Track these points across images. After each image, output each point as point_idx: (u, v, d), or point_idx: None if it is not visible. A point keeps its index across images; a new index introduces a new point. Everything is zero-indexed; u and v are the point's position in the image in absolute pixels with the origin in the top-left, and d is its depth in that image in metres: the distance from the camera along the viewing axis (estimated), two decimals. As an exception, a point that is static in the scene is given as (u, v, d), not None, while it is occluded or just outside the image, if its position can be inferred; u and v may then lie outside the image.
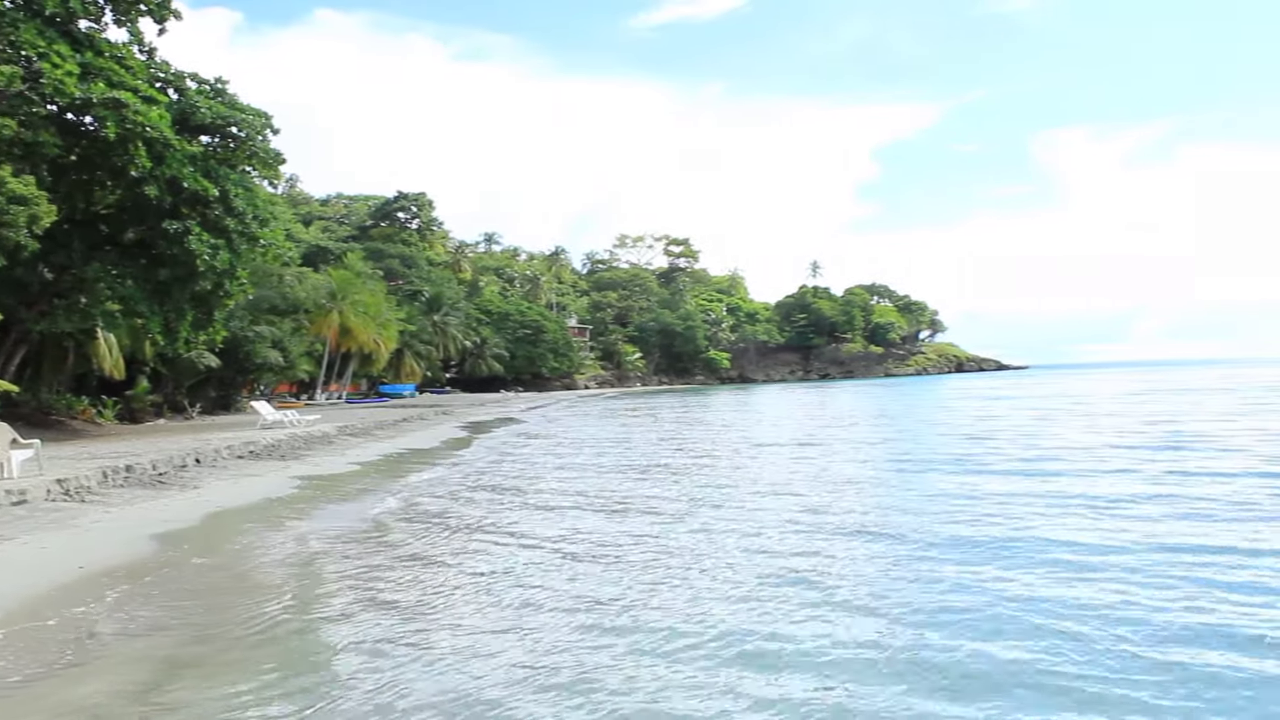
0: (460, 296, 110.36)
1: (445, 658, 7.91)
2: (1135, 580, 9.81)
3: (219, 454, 24.00)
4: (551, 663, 7.68)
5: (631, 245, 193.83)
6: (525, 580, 10.75)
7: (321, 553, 12.69)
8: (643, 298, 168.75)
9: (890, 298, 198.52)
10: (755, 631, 8.43)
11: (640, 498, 17.84)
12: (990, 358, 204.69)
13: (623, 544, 12.91)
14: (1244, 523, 13.05)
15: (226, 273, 30.25)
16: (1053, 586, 9.72)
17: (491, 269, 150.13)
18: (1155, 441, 25.56)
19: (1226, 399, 49.04)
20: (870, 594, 9.68)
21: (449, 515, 16.06)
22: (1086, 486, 17.27)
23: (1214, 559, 10.71)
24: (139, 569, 11.41)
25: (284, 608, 9.67)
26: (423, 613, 9.38)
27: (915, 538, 12.68)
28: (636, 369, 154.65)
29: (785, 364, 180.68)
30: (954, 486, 18.07)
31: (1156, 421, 33.43)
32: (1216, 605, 8.89)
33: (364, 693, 7.06)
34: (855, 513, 15.12)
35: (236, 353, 45.32)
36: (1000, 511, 14.49)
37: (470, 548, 12.94)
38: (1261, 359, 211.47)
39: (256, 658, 7.98)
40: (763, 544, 12.57)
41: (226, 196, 29.42)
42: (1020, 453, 24.18)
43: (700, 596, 9.73)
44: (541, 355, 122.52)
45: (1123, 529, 12.84)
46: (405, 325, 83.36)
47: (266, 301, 55.32)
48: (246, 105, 31.60)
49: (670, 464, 24.41)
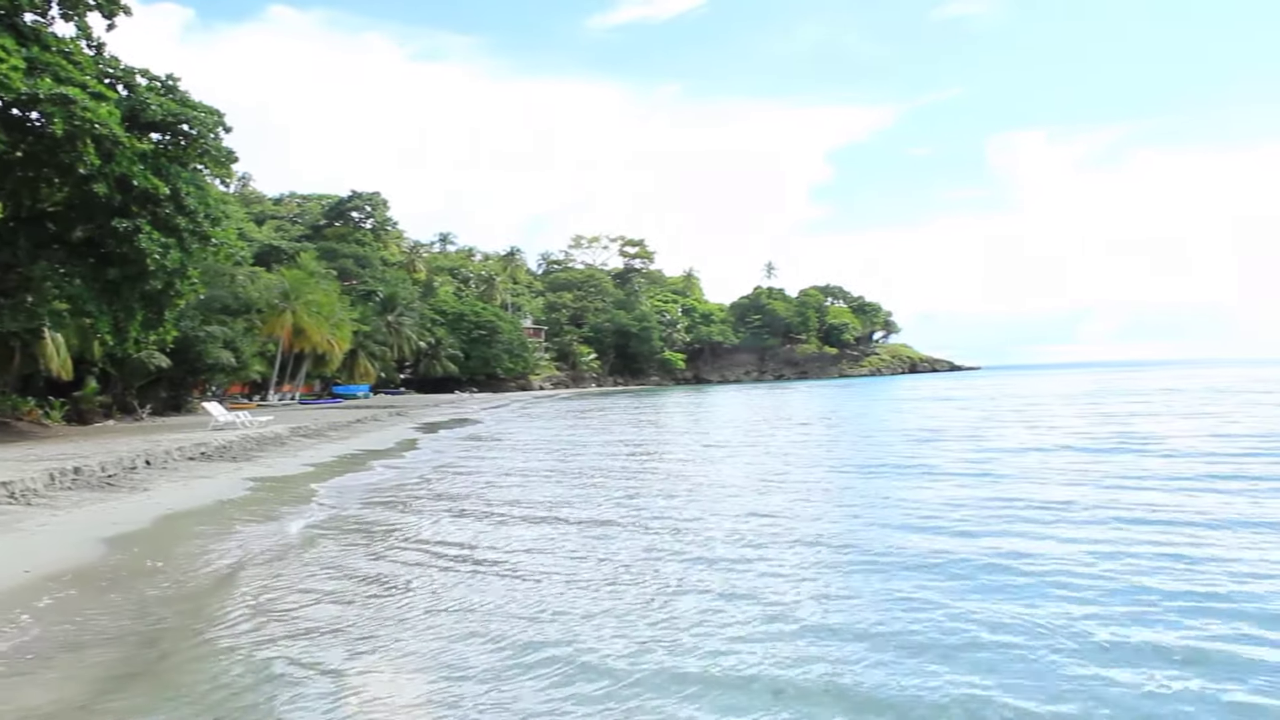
0: (415, 297, 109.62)
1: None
2: (1074, 594, 9.71)
3: (169, 456, 23.68)
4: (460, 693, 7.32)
5: (587, 246, 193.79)
6: (456, 599, 10.19)
7: (267, 558, 12.55)
8: (598, 298, 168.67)
9: (845, 299, 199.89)
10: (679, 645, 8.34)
11: (577, 506, 17.43)
12: (943, 359, 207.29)
13: (558, 558, 12.38)
14: (1183, 526, 13.34)
15: (177, 272, 29.82)
16: (990, 596, 9.83)
17: (446, 269, 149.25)
18: (1102, 444, 26.02)
19: (1173, 400, 50.05)
20: (808, 608, 9.47)
21: (392, 523, 15.83)
22: (1033, 490, 17.61)
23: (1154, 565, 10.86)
24: (88, 573, 11.23)
25: (231, 616, 9.56)
26: (366, 633, 9.05)
27: (855, 545, 12.58)
28: (592, 370, 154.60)
29: (740, 365, 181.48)
30: (898, 490, 18.22)
31: (1105, 423, 34.10)
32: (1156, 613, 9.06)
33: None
34: (801, 519, 15.06)
35: (188, 353, 44.73)
36: (948, 519, 14.32)
37: (411, 559, 12.48)
38: (1209, 360, 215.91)
39: (200, 670, 7.88)
40: (698, 553, 12.27)
41: (177, 195, 29.00)
42: (967, 454, 24.46)
43: (625, 613, 9.41)
44: (496, 356, 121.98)
45: (1065, 534, 13.01)
46: (359, 326, 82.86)
47: (218, 301, 54.59)
48: (198, 102, 31.16)
49: (614, 469, 24.17)
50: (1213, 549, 11.49)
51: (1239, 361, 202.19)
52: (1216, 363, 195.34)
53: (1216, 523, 13.24)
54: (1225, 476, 18.06)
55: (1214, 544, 11.79)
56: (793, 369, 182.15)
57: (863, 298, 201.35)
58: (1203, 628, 8.33)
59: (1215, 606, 8.95)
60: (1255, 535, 12.31)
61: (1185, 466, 19.96)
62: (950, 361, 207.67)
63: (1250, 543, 11.84)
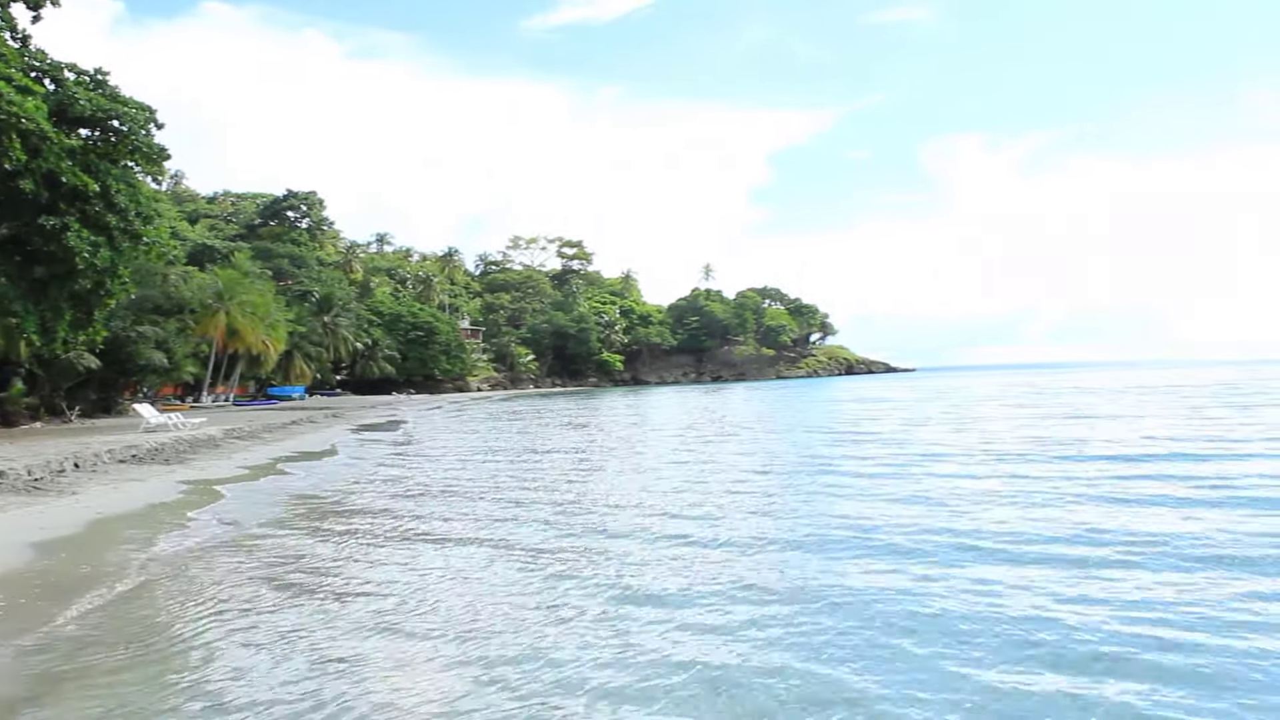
0: (351, 297, 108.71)
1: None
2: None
3: (99, 459, 23.18)
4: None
5: (525, 247, 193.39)
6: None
7: (199, 561, 12.33)
8: (536, 299, 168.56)
9: (782, 301, 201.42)
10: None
11: (499, 519, 15.77)
12: (880, 360, 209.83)
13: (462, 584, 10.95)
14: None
15: (107, 271, 29.29)
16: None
17: (383, 270, 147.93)
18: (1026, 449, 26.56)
19: (1103, 401, 51.31)
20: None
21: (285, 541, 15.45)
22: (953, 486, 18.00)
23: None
24: (13, 579, 10.96)
25: (159, 621, 9.44)
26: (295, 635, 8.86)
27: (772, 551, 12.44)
28: (529, 371, 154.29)
29: (678, 366, 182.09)
30: (822, 489, 18.27)
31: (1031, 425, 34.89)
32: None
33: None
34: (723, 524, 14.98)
35: (118, 354, 43.92)
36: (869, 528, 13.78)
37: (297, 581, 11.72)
38: (1139, 361, 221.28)
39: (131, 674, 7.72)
40: (619, 579, 10.90)
41: (107, 192, 28.49)
42: (889, 456, 24.72)
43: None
44: (434, 357, 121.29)
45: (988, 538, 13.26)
46: (295, 326, 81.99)
47: (150, 301, 53.65)
48: (129, 98, 30.61)
49: (540, 480, 22.08)
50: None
51: (1171, 363, 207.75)
52: (1139, 365, 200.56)
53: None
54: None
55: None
56: (730, 370, 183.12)
57: (800, 299, 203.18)
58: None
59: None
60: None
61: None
62: (886, 363, 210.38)
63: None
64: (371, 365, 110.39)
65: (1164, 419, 34.55)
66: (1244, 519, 13.27)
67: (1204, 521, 13.19)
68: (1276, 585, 9.60)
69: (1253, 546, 11.36)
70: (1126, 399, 51.93)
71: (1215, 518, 13.49)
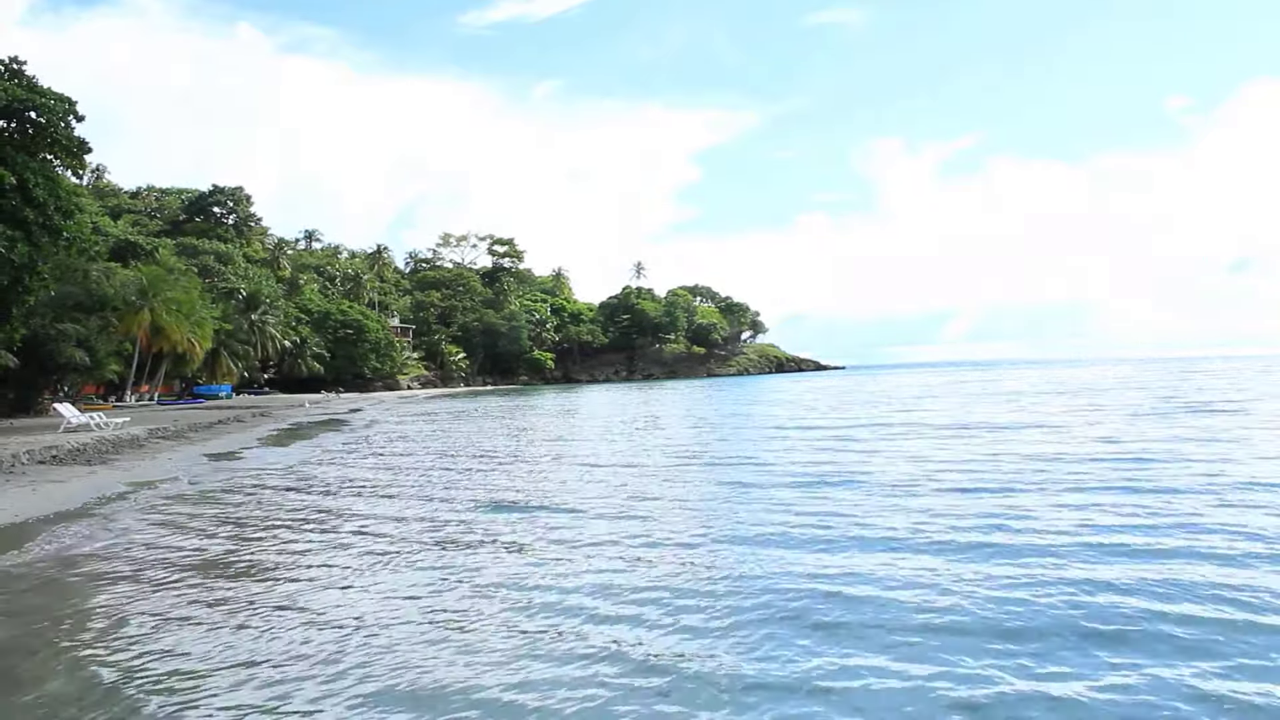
0: (279, 295, 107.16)
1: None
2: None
3: (17, 460, 22.60)
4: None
5: (455, 244, 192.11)
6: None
7: (115, 569, 12.06)
8: (466, 297, 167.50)
9: (712, 299, 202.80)
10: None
11: (406, 521, 15.08)
12: (809, 358, 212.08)
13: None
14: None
15: (25, 267, 28.59)
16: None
17: (312, 267, 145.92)
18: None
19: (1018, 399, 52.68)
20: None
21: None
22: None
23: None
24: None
25: (69, 628, 9.27)
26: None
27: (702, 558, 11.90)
28: (460, 369, 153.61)
29: (609, 364, 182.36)
30: (747, 493, 18.13)
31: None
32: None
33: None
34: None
35: (37, 352, 42.82)
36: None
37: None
38: (1060, 360, 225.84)
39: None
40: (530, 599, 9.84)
41: (24, 186, 27.80)
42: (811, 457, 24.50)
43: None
44: (363, 355, 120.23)
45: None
46: (221, 324, 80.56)
47: (71, 298, 52.29)
48: (47, 89, 29.87)
49: (458, 484, 20.83)
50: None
51: (1094, 360, 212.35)
52: (1056, 363, 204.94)
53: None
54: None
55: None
56: (661, 368, 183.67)
57: (730, 298, 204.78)
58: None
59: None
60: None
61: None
62: (816, 361, 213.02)
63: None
64: (300, 364, 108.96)
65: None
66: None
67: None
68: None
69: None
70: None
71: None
